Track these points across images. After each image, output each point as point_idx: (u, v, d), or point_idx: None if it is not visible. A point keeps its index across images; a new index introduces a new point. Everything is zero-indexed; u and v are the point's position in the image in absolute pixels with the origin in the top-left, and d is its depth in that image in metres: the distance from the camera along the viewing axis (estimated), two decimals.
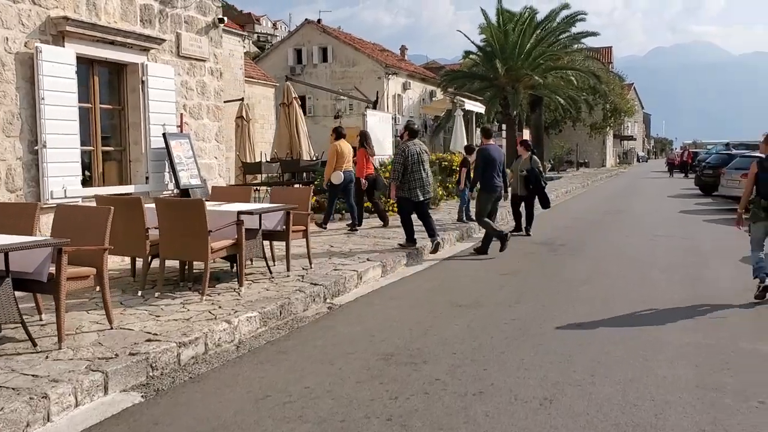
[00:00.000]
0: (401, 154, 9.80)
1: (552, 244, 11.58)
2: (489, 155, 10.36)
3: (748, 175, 7.45)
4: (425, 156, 9.99)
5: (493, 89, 30.19)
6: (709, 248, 11.15)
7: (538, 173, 12.45)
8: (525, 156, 12.78)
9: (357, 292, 7.72)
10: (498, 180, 10.36)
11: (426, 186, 9.92)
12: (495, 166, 10.30)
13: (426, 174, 9.93)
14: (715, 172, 23.01)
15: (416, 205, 9.91)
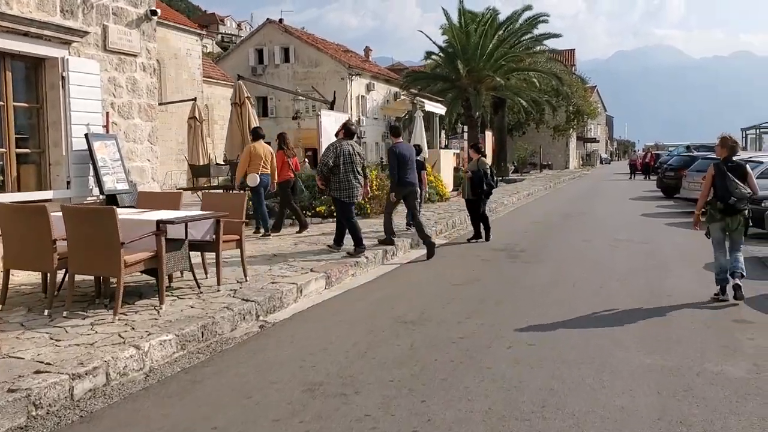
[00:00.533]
0: (333, 150, 9.49)
1: (511, 250, 11.08)
2: (401, 153, 10.50)
3: (705, 178, 7.54)
4: (357, 158, 9.68)
5: (455, 90, 29.74)
6: (670, 254, 10.74)
7: (482, 175, 11.96)
8: (474, 159, 12.30)
9: (295, 307, 7.08)
10: (412, 176, 10.58)
11: (355, 188, 9.64)
12: (406, 162, 10.47)
13: (356, 176, 9.62)
14: (676, 175, 22.90)
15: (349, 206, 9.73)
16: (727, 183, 7.10)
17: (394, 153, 10.53)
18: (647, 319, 6.49)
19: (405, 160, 10.48)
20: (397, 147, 10.65)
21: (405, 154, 10.55)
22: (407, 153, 10.65)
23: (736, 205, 7.12)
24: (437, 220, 14.19)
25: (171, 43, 35.76)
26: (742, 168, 7.33)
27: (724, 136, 7.58)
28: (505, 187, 28.32)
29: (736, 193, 7.06)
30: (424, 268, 9.50)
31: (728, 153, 7.35)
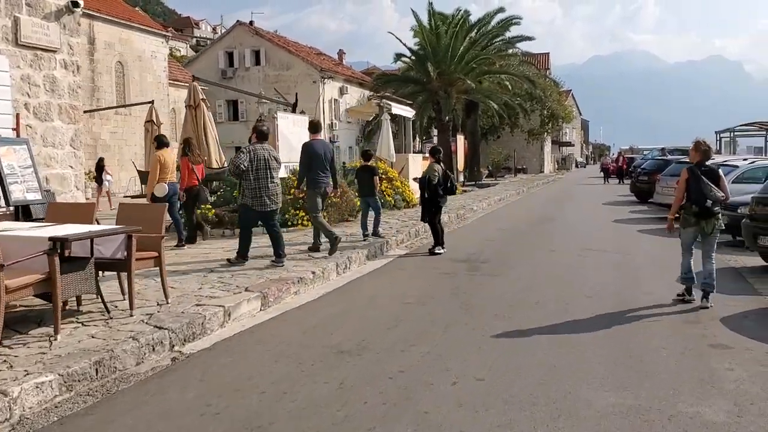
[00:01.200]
0: (246, 154, 8.80)
1: (473, 262, 10.33)
2: (313, 151, 10.06)
3: (678, 182, 7.55)
4: (274, 163, 9.06)
5: (426, 93, 29.01)
6: (643, 265, 10.06)
7: (427, 181, 11.21)
8: (428, 162, 11.61)
9: (221, 333, 6.25)
10: (323, 176, 10.14)
11: (273, 195, 8.99)
12: (320, 161, 10.03)
13: (274, 182, 9.00)
14: (650, 179, 22.37)
15: (261, 215, 9.05)
16: (702, 186, 7.11)
17: (306, 150, 10.09)
18: (616, 344, 5.76)
19: (318, 158, 10.03)
20: (310, 144, 10.19)
21: (318, 152, 10.09)
22: (320, 151, 10.15)
23: (712, 209, 7.15)
24: (399, 228, 13.43)
25: (135, 45, 34.68)
26: (715, 172, 7.32)
27: (698, 140, 7.59)
28: (477, 192, 27.68)
29: (711, 196, 7.09)
30: (376, 283, 8.72)
31: (701, 157, 7.38)
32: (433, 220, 11.36)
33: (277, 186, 9.09)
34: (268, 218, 9.11)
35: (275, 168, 9.03)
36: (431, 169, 11.39)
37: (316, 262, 9.16)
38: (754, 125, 31.54)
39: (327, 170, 10.19)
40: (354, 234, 12.09)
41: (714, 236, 7.32)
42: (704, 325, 6.44)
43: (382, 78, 31.82)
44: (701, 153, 7.39)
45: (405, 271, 9.58)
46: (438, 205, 11.40)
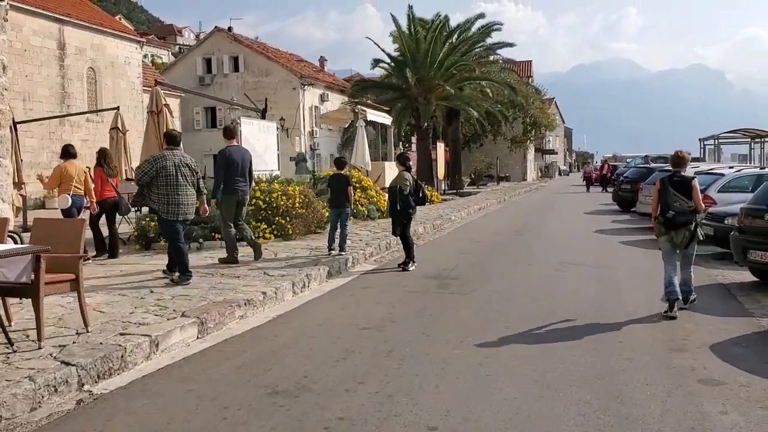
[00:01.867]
0: (154, 161, 8.26)
1: (444, 278, 9.61)
2: (229, 157, 9.68)
3: (653, 192, 7.64)
4: (187, 170, 8.39)
5: (405, 100, 28.31)
6: (625, 281, 9.38)
7: (398, 191, 10.42)
8: (399, 171, 10.78)
9: (144, 368, 5.46)
10: (241, 183, 9.78)
11: (182, 205, 8.30)
12: (237, 167, 9.68)
13: (185, 190, 8.33)
14: (633, 187, 21.80)
15: None
16: (667, 197, 7.19)
17: (223, 156, 9.67)
18: (594, 381, 5.03)
19: (234, 165, 9.65)
20: (227, 150, 9.77)
21: (235, 159, 9.71)
22: (237, 158, 9.77)
23: (675, 219, 7.14)
24: (369, 240, 12.68)
25: (108, 50, 33.80)
26: (687, 182, 7.29)
27: (676, 151, 7.73)
28: (458, 201, 27.01)
29: (674, 207, 7.12)
30: (334, 305, 7.94)
31: (678, 167, 7.49)
32: (404, 233, 10.60)
33: (192, 195, 8.44)
34: None
35: (187, 176, 8.35)
36: (401, 178, 10.64)
37: (269, 281, 8.38)
38: (739, 132, 31.15)
39: (245, 177, 9.83)
40: (320, 248, 11.33)
41: (691, 248, 7.32)
42: (692, 353, 5.74)
43: (360, 84, 31.07)
44: (674, 162, 7.56)
45: (369, 290, 8.81)
46: (409, 217, 10.67)
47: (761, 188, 9.43)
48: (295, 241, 12.25)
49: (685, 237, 7.17)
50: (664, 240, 7.33)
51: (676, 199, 7.12)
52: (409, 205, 10.50)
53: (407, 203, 10.48)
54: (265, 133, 14.94)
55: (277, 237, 12.08)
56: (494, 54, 35.07)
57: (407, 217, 10.56)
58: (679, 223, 7.14)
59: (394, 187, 10.62)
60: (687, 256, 7.35)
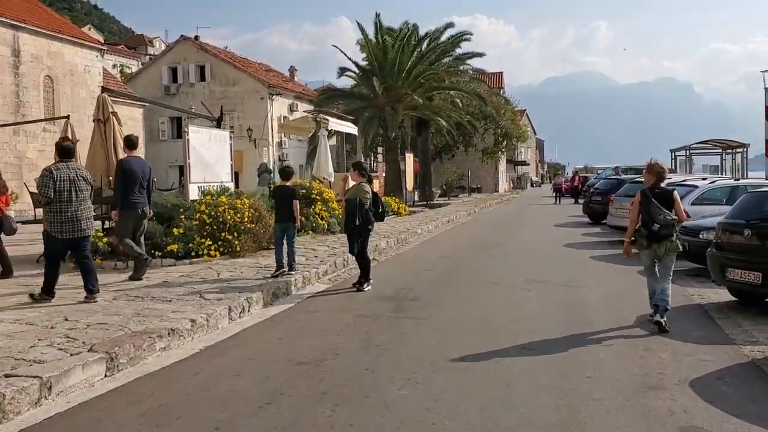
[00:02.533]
0: (48, 177, 7.66)
1: (401, 299, 8.82)
2: (128, 168, 9.31)
3: (632, 205, 7.51)
4: (83, 183, 7.90)
5: (372, 109, 27.56)
6: (594, 302, 8.67)
7: (357, 206, 9.49)
8: (355, 183, 9.88)
9: (30, 416, 4.59)
10: (140, 196, 9.41)
11: (79, 221, 7.72)
12: (136, 180, 9.32)
13: (80, 205, 7.78)
14: (603, 199, 21.30)
15: (69, 243, 7.82)
16: (651, 209, 7.05)
17: (121, 168, 9.31)
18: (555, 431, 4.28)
19: (133, 177, 9.29)
20: (126, 162, 9.40)
21: (134, 170, 9.33)
22: (137, 169, 9.38)
23: (660, 232, 7.05)
24: (325, 257, 11.85)
25: (66, 58, 32.66)
26: (668, 194, 7.24)
27: (652, 162, 7.43)
28: (426, 213, 26.30)
29: (659, 220, 7.01)
30: (272, 334, 7.08)
31: (656, 179, 7.28)
32: (362, 250, 9.75)
33: (88, 210, 7.94)
34: (78, 247, 7.87)
35: (84, 189, 7.85)
36: (361, 190, 9.77)
37: (203, 306, 7.51)
38: (710, 143, 30.89)
39: (144, 190, 9.46)
40: (269, 266, 10.47)
41: (669, 258, 7.23)
42: (671, 392, 5.01)
43: (327, 93, 30.27)
44: (655, 174, 7.27)
45: (315, 315, 7.98)
46: (368, 234, 9.83)
47: (739, 202, 8.81)
48: (244, 258, 11.37)
49: (667, 249, 7.12)
50: (647, 253, 7.25)
51: (660, 211, 7.01)
52: (368, 220, 9.65)
53: (367, 218, 9.61)
54: (217, 142, 14.06)
55: (223, 254, 11.20)
56: (464, 64, 34.55)
57: (366, 233, 9.73)
58: (663, 236, 7.07)
59: (352, 199, 9.69)
60: (666, 267, 7.24)
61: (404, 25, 29.25)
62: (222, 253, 11.16)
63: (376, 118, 26.96)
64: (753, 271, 7.69)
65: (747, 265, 7.77)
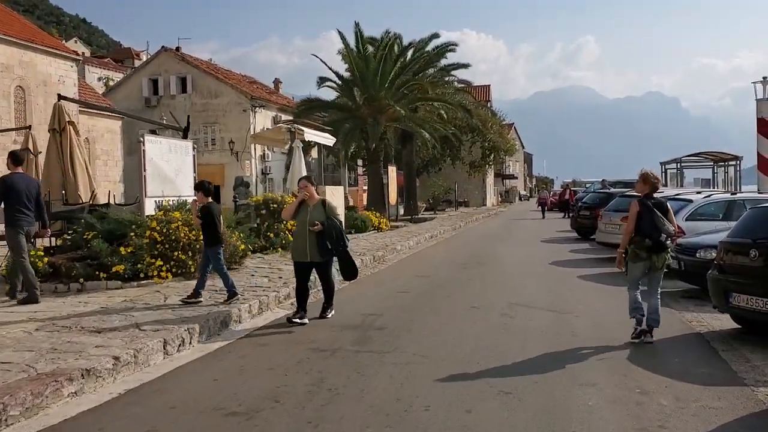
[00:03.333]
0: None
1: (366, 328, 7.87)
2: (11, 185, 8.67)
3: (629, 215, 7.26)
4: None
5: (353, 120, 26.66)
6: (582, 331, 7.72)
7: (338, 226, 8.26)
8: (315, 200, 8.28)
9: None
10: (26, 215, 8.75)
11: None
12: (20, 198, 8.69)
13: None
14: (592, 214, 20.46)
15: None
16: (655, 219, 6.92)
17: (3, 185, 8.69)
18: None
19: (17, 194, 8.66)
20: (9, 179, 8.77)
21: (18, 187, 8.70)
22: (22, 186, 8.74)
23: (664, 243, 6.97)
24: (290, 278, 10.81)
25: (39, 68, 31.64)
26: (664, 205, 7.16)
27: (646, 172, 7.34)
28: (410, 228, 25.38)
29: (664, 230, 6.92)
30: (208, 373, 6.08)
31: (650, 189, 7.19)
32: (328, 275, 8.57)
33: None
34: None
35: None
36: (330, 208, 8.34)
37: (134, 339, 6.51)
38: (701, 156, 30.17)
39: (30, 208, 8.80)
40: (224, 290, 9.49)
41: (662, 271, 7.14)
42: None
43: (306, 104, 29.35)
44: (650, 185, 7.19)
45: (264, 349, 6.99)
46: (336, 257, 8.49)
47: (744, 218, 7.92)
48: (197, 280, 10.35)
49: (664, 260, 7.03)
50: (641, 265, 7.08)
51: (664, 221, 6.92)
52: (341, 240, 8.25)
53: (341, 237, 8.24)
54: (178, 153, 13.06)
55: (177, 276, 10.19)
56: (449, 75, 33.84)
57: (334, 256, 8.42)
58: (665, 247, 6.99)
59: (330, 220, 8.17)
60: (657, 280, 7.16)
61: (386, 34, 28.43)
62: (175, 275, 10.16)
63: (357, 129, 26.05)
64: (760, 297, 6.81)
65: (754, 290, 6.89)
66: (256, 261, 12.97)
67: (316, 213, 8.16)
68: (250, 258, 12.88)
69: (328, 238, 8.05)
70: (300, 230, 8.33)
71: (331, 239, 8.07)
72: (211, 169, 42.23)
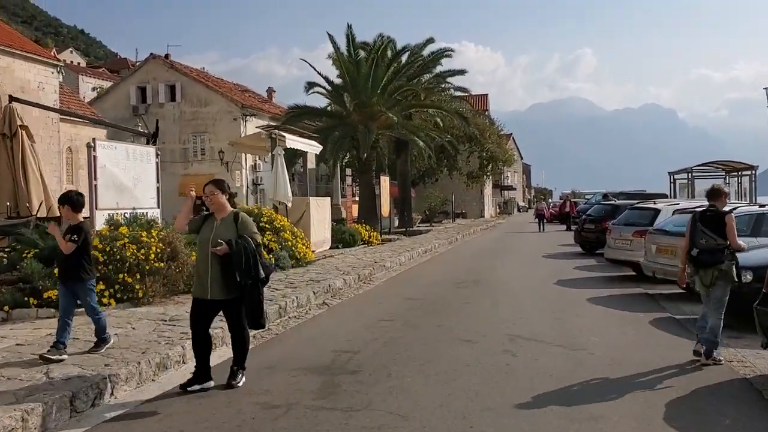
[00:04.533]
0: None
1: (335, 371, 6.42)
2: None
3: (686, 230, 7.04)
4: None
5: (343, 128, 25.23)
6: (603, 373, 6.26)
7: (253, 249, 5.72)
8: (225, 213, 5.92)
9: None
10: None
11: None
12: None
13: None
14: (597, 227, 19.10)
15: None
16: (694, 233, 6.80)
17: None
18: None
19: None
20: None
21: None
22: None
23: (700, 257, 6.69)
24: None
25: (17, 74, 30.25)
26: (720, 217, 6.77)
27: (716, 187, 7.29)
28: (403, 241, 23.92)
29: (699, 244, 6.71)
30: None
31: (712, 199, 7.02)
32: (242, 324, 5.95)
33: None
34: None
35: None
36: (246, 223, 5.91)
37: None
38: (712, 165, 28.73)
39: None
40: (176, 318, 8.05)
41: (718, 289, 6.60)
42: None
43: (294, 111, 27.93)
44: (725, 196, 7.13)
45: (196, 404, 5.52)
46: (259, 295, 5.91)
47: None
48: (148, 307, 8.82)
49: (714, 277, 6.57)
50: (696, 281, 6.83)
51: (703, 235, 6.66)
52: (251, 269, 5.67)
53: (254, 265, 5.68)
54: (138, 160, 11.62)
55: (122, 302, 8.72)
56: (445, 82, 32.48)
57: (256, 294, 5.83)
58: (705, 262, 6.62)
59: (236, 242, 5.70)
60: (716, 299, 6.65)
61: (378, 37, 27.03)
62: (120, 300, 8.68)
63: (347, 137, 24.61)
64: None
65: None
66: None
67: (223, 230, 5.77)
68: None
69: (237, 266, 5.59)
70: (201, 254, 5.93)
71: (240, 268, 5.59)
72: (199, 180, 40.78)
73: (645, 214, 14.15)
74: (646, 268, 11.57)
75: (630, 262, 13.57)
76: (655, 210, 13.99)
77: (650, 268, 11.40)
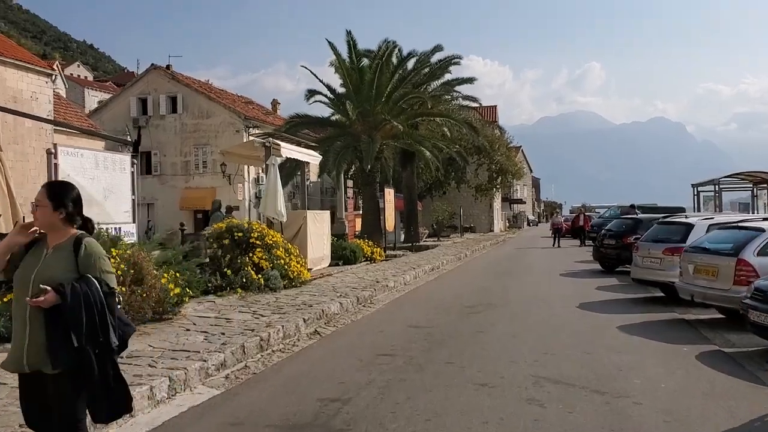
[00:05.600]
0: None
1: (320, 426, 5.06)
2: None
3: None
4: None
5: (346, 138, 23.94)
6: (653, 426, 4.90)
7: (101, 298, 3.51)
8: (63, 238, 3.65)
9: None
10: None
11: None
12: None
13: None
14: (618, 243, 17.71)
15: None
16: None
17: None
18: None
19: None
20: None
21: None
22: None
23: None
24: (231, 338, 8.04)
25: (8, 83, 29.16)
26: None
27: None
28: (409, 257, 22.56)
29: None
30: None
31: None
32: (67, 397, 3.53)
33: None
34: None
35: None
36: (96, 255, 3.61)
37: None
38: (738, 176, 27.29)
39: None
40: (137, 353, 6.71)
41: None
42: None
43: (295, 120, 26.68)
44: None
45: None
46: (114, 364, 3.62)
47: None
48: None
49: None
50: None
51: None
52: (98, 331, 3.45)
53: (102, 324, 3.47)
54: (110, 170, 10.35)
55: None
56: (453, 91, 31.22)
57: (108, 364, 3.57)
58: None
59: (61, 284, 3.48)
60: None
61: (383, 42, 25.79)
62: None
63: (350, 147, 23.31)
64: None
65: None
66: (203, 307, 10.13)
67: (54, 265, 3.58)
68: (196, 302, 10.11)
69: (73, 324, 3.41)
70: (17, 304, 3.63)
71: (77, 327, 3.41)
72: (201, 193, 39.68)
73: (676, 229, 12.75)
74: (683, 291, 10.14)
75: (660, 282, 12.19)
76: (687, 225, 12.59)
77: (688, 291, 9.97)
